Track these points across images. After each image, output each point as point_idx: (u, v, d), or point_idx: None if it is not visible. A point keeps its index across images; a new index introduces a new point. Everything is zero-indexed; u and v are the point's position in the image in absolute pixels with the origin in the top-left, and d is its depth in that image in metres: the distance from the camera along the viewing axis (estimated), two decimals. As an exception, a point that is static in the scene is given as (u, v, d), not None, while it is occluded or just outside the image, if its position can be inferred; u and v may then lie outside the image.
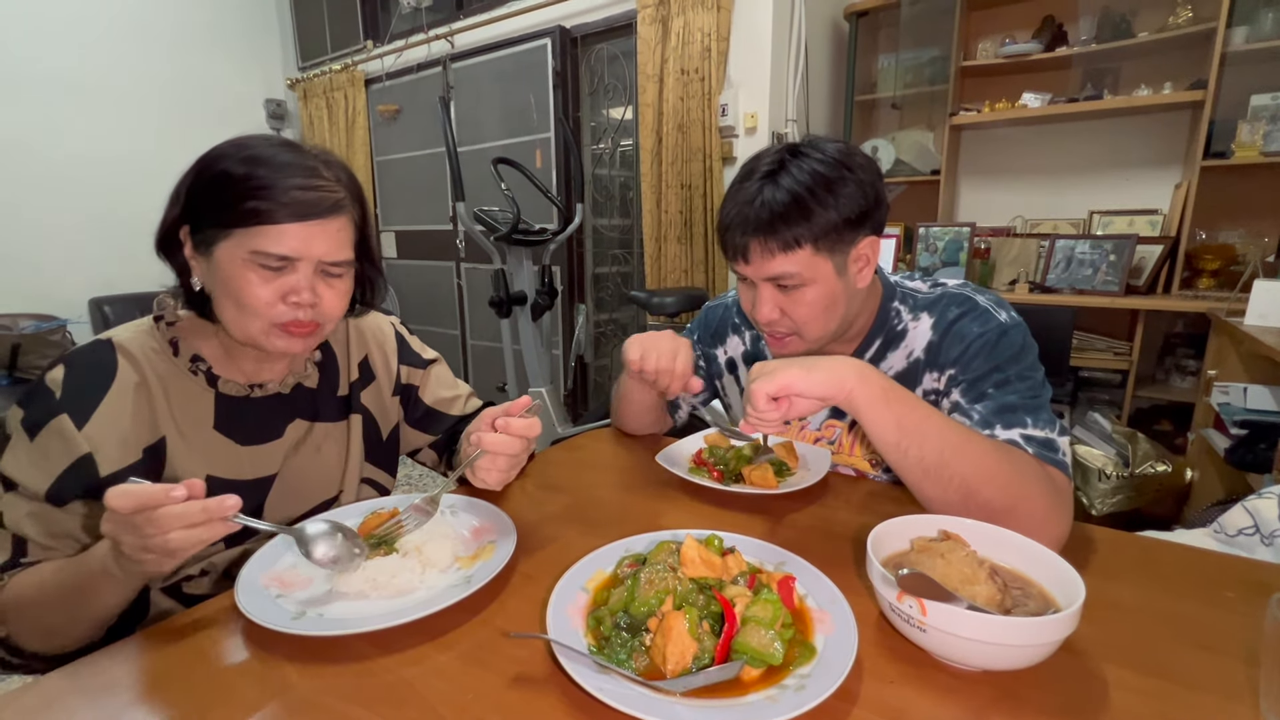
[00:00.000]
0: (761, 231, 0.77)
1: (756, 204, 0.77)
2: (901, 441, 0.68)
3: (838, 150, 0.78)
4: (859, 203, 0.77)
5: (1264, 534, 0.98)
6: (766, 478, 0.83)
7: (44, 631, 0.62)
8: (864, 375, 0.69)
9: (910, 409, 0.69)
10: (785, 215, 0.75)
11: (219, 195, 0.65)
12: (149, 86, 3.70)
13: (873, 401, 0.68)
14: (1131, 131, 2.55)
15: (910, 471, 0.69)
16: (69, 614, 0.61)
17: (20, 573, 0.63)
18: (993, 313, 0.82)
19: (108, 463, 0.66)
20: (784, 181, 0.76)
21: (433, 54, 3.52)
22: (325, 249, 0.68)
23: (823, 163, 0.77)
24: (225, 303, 0.68)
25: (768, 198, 0.76)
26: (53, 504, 0.64)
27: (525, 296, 2.57)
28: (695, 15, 2.54)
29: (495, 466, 0.71)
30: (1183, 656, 0.52)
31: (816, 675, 0.47)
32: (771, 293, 0.82)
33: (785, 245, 0.77)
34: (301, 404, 0.80)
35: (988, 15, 2.70)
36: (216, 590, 0.73)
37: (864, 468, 0.93)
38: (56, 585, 0.60)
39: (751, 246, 0.79)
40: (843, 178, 0.76)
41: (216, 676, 0.51)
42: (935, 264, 2.62)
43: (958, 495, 0.67)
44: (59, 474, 0.64)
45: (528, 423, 0.71)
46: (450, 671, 0.51)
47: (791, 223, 0.75)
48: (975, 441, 0.68)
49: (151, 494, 0.51)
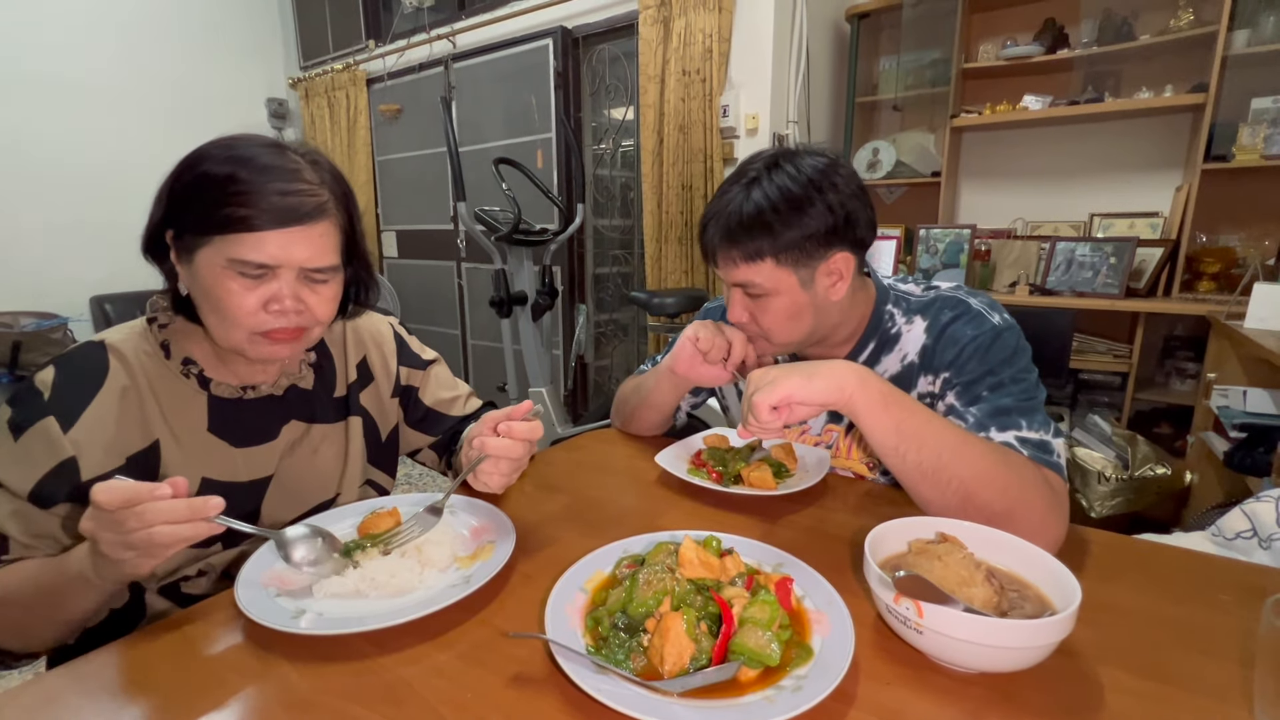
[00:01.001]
0: (727, 239, 0.81)
1: (729, 210, 0.81)
2: (900, 445, 0.68)
3: (814, 167, 0.79)
4: (825, 221, 0.78)
5: (1262, 538, 0.98)
6: (765, 479, 0.83)
7: (15, 630, 0.61)
8: (864, 380, 0.69)
9: (909, 413, 0.69)
10: (748, 227, 0.79)
11: (198, 199, 0.63)
12: (150, 84, 3.70)
13: (872, 406, 0.69)
14: (1132, 134, 2.55)
15: (909, 475, 0.70)
16: (40, 615, 0.60)
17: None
18: (986, 315, 0.82)
19: (92, 466, 0.64)
20: (754, 194, 0.79)
21: (434, 54, 3.53)
22: (307, 255, 0.65)
23: (795, 180, 0.79)
24: (207, 310, 0.66)
25: (736, 207, 0.80)
26: (35, 505, 0.63)
27: (526, 296, 2.57)
28: (697, 16, 2.54)
29: (498, 470, 0.71)
30: (1179, 659, 0.52)
31: (813, 676, 0.47)
32: (741, 297, 0.86)
33: (747, 256, 0.81)
34: (296, 406, 0.80)
35: (989, 17, 2.70)
36: (214, 591, 0.73)
37: (861, 470, 0.94)
38: (32, 585, 0.60)
39: (718, 251, 0.83)
40: (810, 198, 0.78)
41: (215, 675, 0.52)
42: (935, 266, 2.62)
43: (956, 498, 0.67)
44: (41, 476, 0.63)
45: (530, 426, 0.71)
46: (449, 671, 0.52)
47: (754, 235, 0.79)
48: (973, 445, 0.69)
49: (137, 491, 0.50)
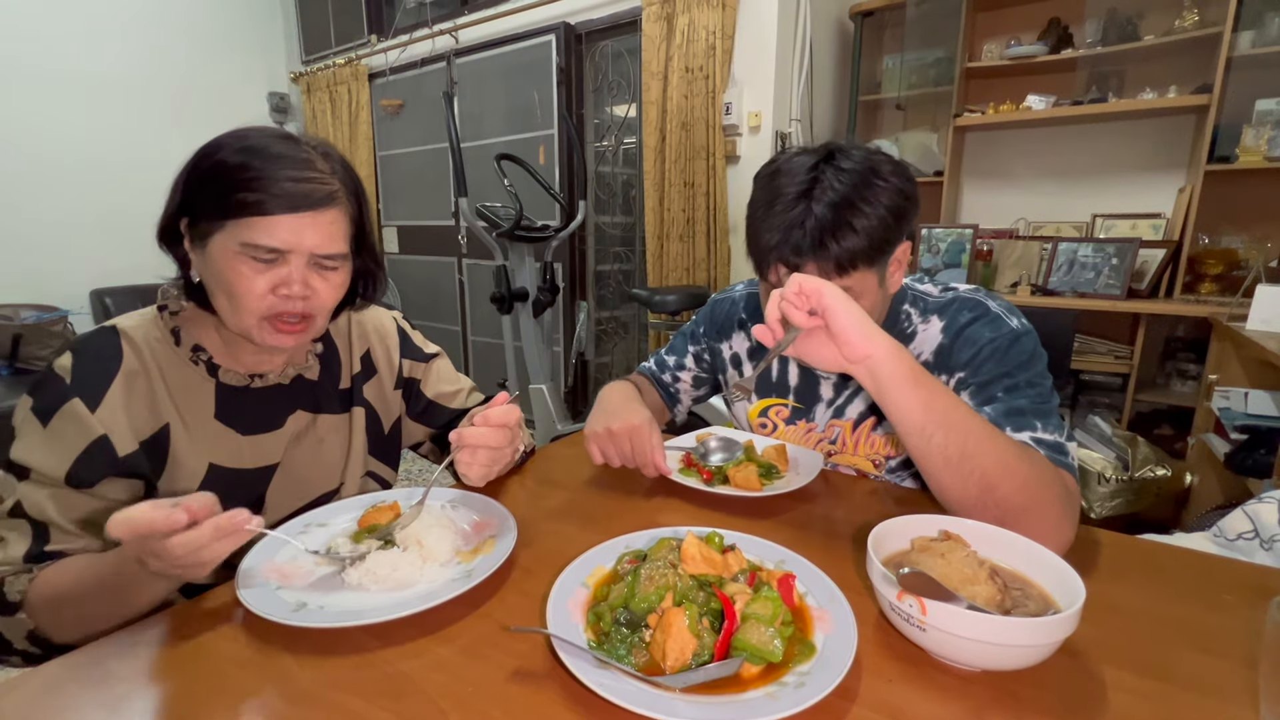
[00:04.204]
0: (816, 260, 0.74)
1: (805, 230, 0.74)
2: (927, 426, 0.66)
3: (865, 161, 0.76)
4: (895, 213, 0.75)
5: (1264, 539, 0.98)
6: (750, 480, 0.82)
7: (81, 624, 0.61)
8: (896, 350, 0.66)
9: (939, 395, 0.67)
10: (838, 238, 0.73)
11: (213, 186, 0.65)
12: (152, 78, 3.69)
13: (902, 380, 0.66)
14: (1136, 135, 2.55)
15: (932, 459, 0.67)
16: (110, 607, 0.60)
17: (49, 566, 0.62)
18: (1004, 319, 0.82)
19: (122, 444, 0.66)
20: (827, 197, 0.73)
21: (437, 49, 3.52)
22: (317, 241, 0.67)
23: (862, 177, 0.74)
24: (219, 295, 0.68)
25: (819, 221, 0.73)
26: (73, 487, 0.64)
27: (527, 293, 2.57)
28: (700, 13, 2.53)
29: (476, 460, 0.71)
30: (1182, 659, 0.52)
31: (816, 673, 0.47)
32: None
33: (840, 268, 0.74)
34: (302, 396, 0.80)
35: (993, 16, 2.69)
36: (218, 580, 0.73)
37: (866, 468, 0.93)
38: (96, 579, 0.59)
39: (805, 269, 0.75)
40: (881, 195, 0.74)
41: (216, 667, 0.51)
42: (937, 265, 2.62)
43: (977, 489, 0.65)
44: (76, 456, 0.64)
45: (504, 410, 0.70)
46: (450, 665, 0.51)
47: (845, 241, 0.73)
48: (999, 436, 0.67)
49: (151, 521, 0.49)
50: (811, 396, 0.96)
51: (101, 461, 0.65)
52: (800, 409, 0.98)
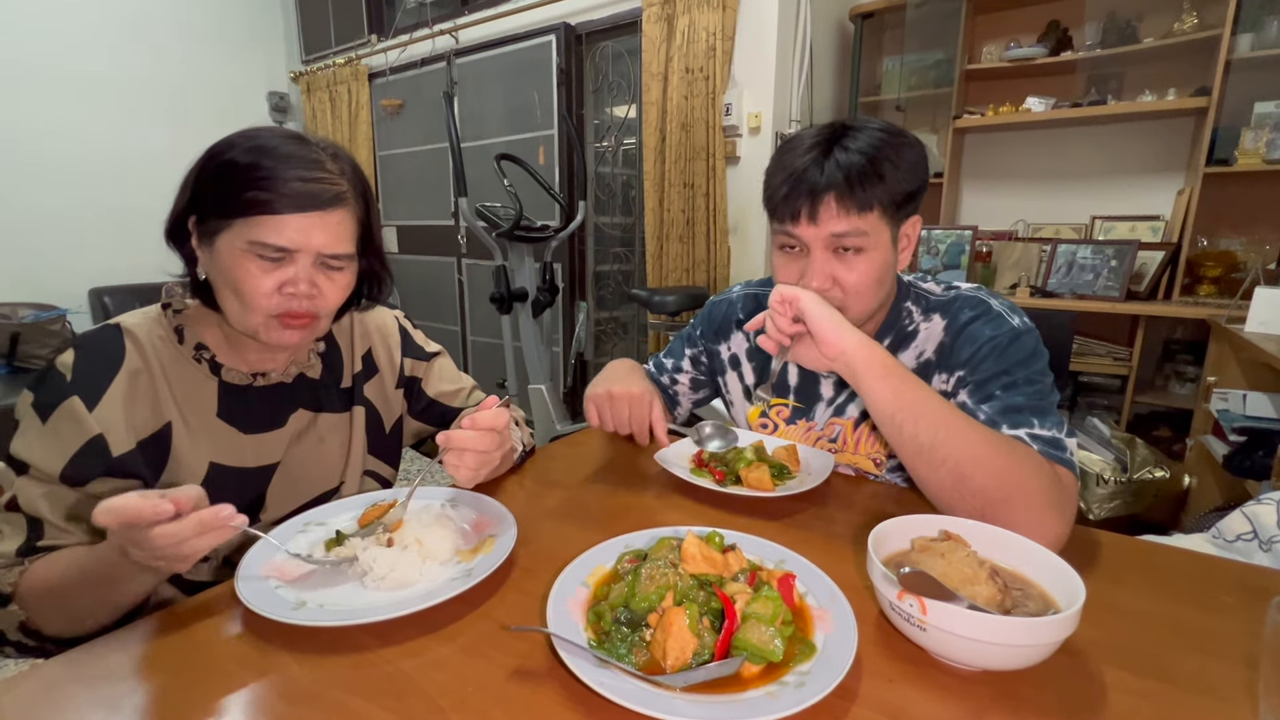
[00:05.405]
0: (836, 189, 0.76)
1: (830, 164, 0.76)
2: (896, 415, 0.70)
3: (886, 127, 0.80)
4: (916, 176, 0.79)
5: (1262, 540, 0.98)
6: (763, 480, 0.82)
7: (69, 616, 0.62)
8: (867, 344, 0.72)
9: (909, 386, 0.71)
10: (863, 173, 0.76)
11: (222, 185, 0.65)
12: (152, 77, 3.68)
13: (870, 369, 0.71)
14: (1135, 137, 2.55)
15: (904, 448, 0.71)
16: (97, 599, 0.61)
17: (40, 559, 0.63)
18: (1006, 317, 0.82)
19: (117, 445, 0.66)
20: (857, 143, 0.77)
21: (437, 49, 3.52)
22: (324, 241, 0.68)
23: (885, 133, 0.79)
24: (225, 293, 0.68)
25: (843, 160, 0.76)
26: (67, 485, 0.64)
27: (526, 293, 2.56)
28: (701, 14, 2.53)
29: (462, 463, 0.70)
30: (1181, 659, 0.52)
31: (816, 673, 0.47)
32: (826, 258, 0.80)
33: (861, 206, 0.76)
34: (304, 394, 0.81)
35: (993, 19, 2.70)
36: (218, 577, 0.74)
37: (867, 466, 0.93)
38: (80, 571, 0.60)
39: (825, 202, 0.77)
40: (904, 151, 0.78)
41: (216, 665, 0.51)
42: (937, 267, 2.62)
43: (951, 479, 0.67)
44: (72, 455, 0.64)
45: (492, 414, 0.71)
46: (450, 664, 0.51)
47: (867, 182, 0.76)
48: (973, 428, 0.68)
49: (138, 510, 0.50)
50: (812, 396, 0.97)
51: (96, 461, 0.65)
52: (800, 408, 0.98)
